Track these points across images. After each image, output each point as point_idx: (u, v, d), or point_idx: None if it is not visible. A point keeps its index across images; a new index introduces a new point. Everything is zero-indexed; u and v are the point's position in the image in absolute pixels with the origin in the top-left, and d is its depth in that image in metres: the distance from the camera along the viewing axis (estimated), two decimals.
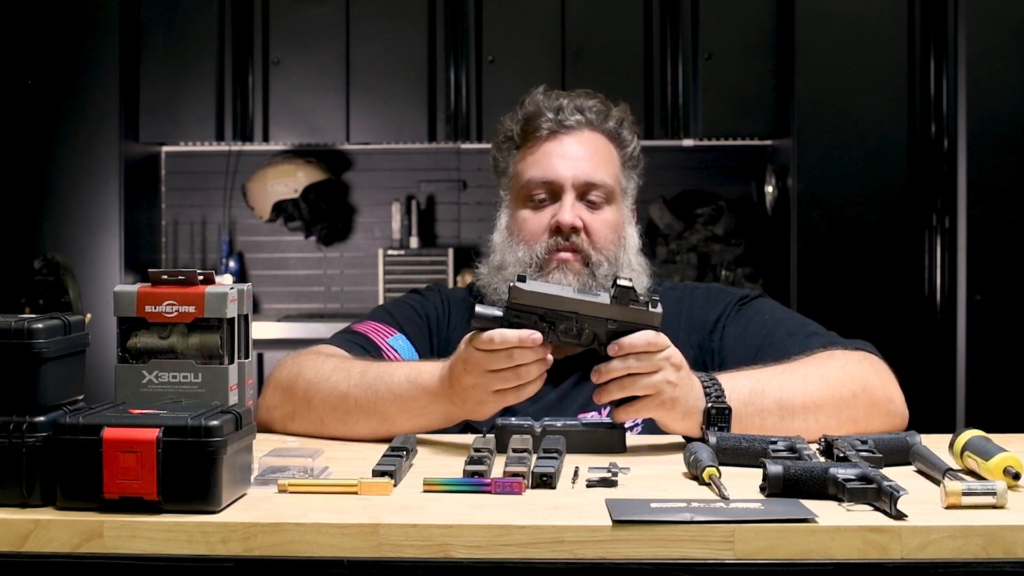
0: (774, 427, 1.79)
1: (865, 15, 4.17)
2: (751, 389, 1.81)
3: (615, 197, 2.08)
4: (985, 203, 3.98)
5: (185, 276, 1.54)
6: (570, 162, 2.05)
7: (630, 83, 4.48)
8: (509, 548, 1.29)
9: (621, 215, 2.09)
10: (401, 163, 4.99)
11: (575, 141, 2.08)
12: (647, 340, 1.71)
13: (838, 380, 1.85)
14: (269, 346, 4.49)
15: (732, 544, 1.28)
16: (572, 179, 2.05)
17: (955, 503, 1.35)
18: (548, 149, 2.07)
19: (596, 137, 2.09)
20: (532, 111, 2.09)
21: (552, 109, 2.08)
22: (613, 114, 2.12)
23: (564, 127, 2.07)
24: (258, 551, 1.31)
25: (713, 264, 4.66)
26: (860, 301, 4.14)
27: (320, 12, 4.59)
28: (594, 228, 2.04)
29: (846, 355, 1.92)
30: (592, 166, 2.06)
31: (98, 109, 4.43)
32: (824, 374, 1.86)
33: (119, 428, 1.34)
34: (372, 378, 1.85)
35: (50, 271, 4.28)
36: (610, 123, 2.10)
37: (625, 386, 1.72)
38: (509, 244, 2.07)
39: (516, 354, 1.68)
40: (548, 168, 2.06)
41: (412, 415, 1.82)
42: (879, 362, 1.94)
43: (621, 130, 2.12)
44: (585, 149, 2.07)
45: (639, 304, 1.73)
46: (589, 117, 2.09)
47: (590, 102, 2.10)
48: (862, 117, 4.16)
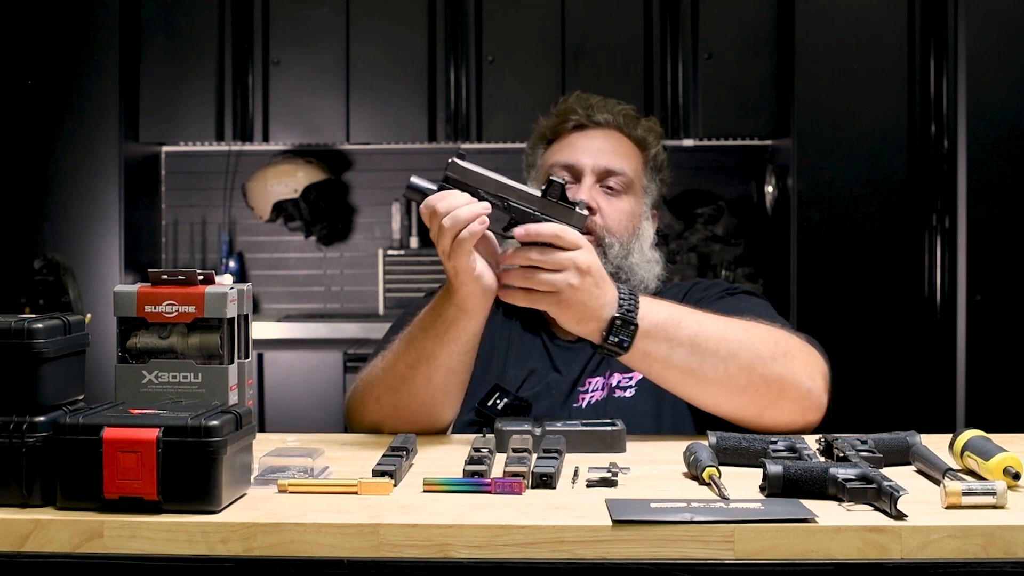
0: (681, 362, 1.79)
1: (865, 15, 4.17)
2: (668, 316, 1.80)
3: (634, 189, 2.17)
4: (985, 203, 3.98)
5: (185, 276, 1.54)
6: (592, 150, 2.16)
7: (630, 83, 4.48)
8: (509, 548, 1.29)
9: (639, 208, 2.18)
10: (401, 163, 4.99)
11: (601, 135, 2.19)
12: (554, 231, 1.74)
13: (760, 338, 1.83)
14: (269, 346, 4.50)
15: (732, 544, 1.28)
16: (593, 165, 2.15)
17: (955, 503, 1.35)
18: (573, 139, 2.19)
19: (622, 138, 2.20)
20: (563, 108, 2.22)
21: (584, 107, 2.19)
22: (642, 123, 2.23)
23: (592, 122, 2.19)
24: (258, 551, 1.31)
25: (713, 264, 4.66)
26: (860, 301, 4.14)
27: (320, 12, 4.59)
28: (609, 213, 2.12)
29: (784, 330, 1.91)
30: (612, 156, 2.16)
31: (98, 109, 4.43)
32: (748, 328, 1.85)
33: (119, 428, 1.34)
34: (404, 337, 1.91)
35: (50, 271, 4.28)
36: (638, 131, 2.21)
37: (527, 276, 1.75)
38: None
39: (441, 207, 1.73)
40: (571, 154, 2.16)
41: (440, 334, 1.84)
42: (816, 352, 1.91)
43: (648, 137, 2.23)
44: (610, 143, 2.18)
45: (567, 204, 1.78)
46: (618, 120, 2.20)
47: (620, 107, 2.22)
48: (862, 117, 4.16)
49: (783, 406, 1.82)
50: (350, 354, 4.46)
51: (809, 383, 1.84)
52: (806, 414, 1.84)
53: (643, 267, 2.13)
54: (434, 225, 1.75)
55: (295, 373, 4.49)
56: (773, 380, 1.81)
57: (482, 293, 1.78)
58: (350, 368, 4.43)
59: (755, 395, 1.81)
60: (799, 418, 1.84)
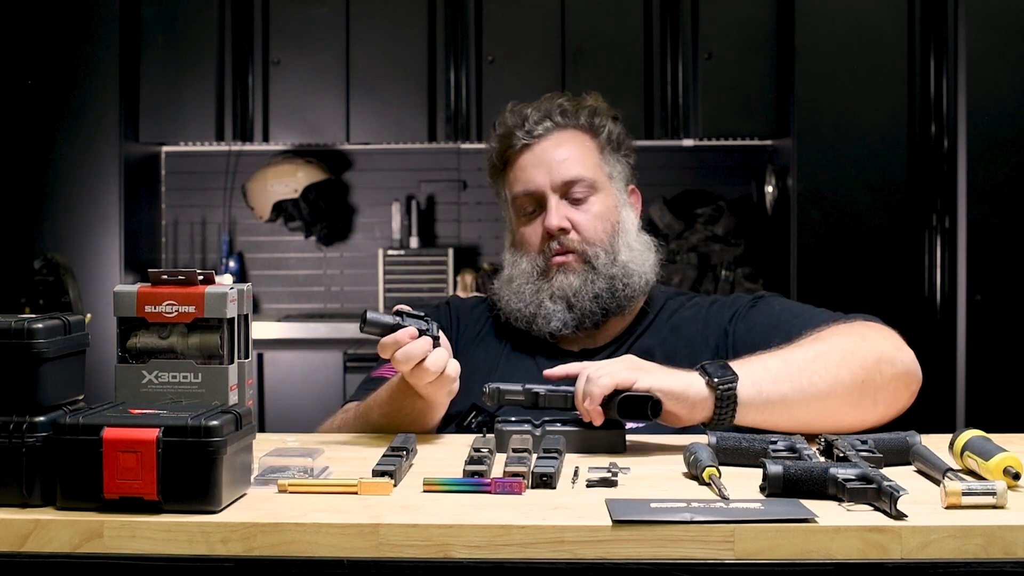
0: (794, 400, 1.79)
1: (865, 15, 4.17)
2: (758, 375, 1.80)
3: (600, 186, 2.13)
4: (985, 203, 3.98)
5: (185, 276, 1.54)
6: (544, 168, 2.12)
7: (630, 83, 4.48)
8: (509, 548, 1.29)
9: (612, 201, 2.14)
10: (401, 163, 5.00)
11: (547, 145, 2.13)
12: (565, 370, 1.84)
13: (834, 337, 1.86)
14: (269, 346, 4.50)
15: (732, 544, 1.28)
16: (550, 184, 2.11)
17: (955, 503, 1.35)
18: (523, 162, 2.14)
19: (568, 134, 2.15)
20: (503, 132, 2.16)
21: (519, 123, 2.14)
22: (584, 106, 2.16)
23: (533, 136, 2.13)
24: (258, 551, 1.31)
25: (713, 264, 4.66)
26: (860, 301, 4.10)
27: (320, 12, 4.59)
28: (582, 224, 2.10)
29: (840, 322, 1.94)
30: (566, 164, 2.12)
31: (98, 109, 4.44)
32: (817, 338, 1.87)
33: (119, 428, 1.34)
34: (362, 418, 1.98)
35: (50, 271, 4.28)
36: (581, 117, 2.15)
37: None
38: (515, 259, 2.15)
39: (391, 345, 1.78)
40: (526, 180, 2.13)
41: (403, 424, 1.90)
42: (880, 324, 1.95)
43: (593, 119, 2.16)
44: (559, 150, 2.13)
45: (565, 389, 1.82)
46: (556, 119, 2.14)
47: (556, 102, 2.16)
48: (862, 117, 4.16)
49: (892, 387, 1.83)
50: (350, 354, 4.46)
51: (897, 354, 1.86)
52: (910, 385, 1.86)
53: (636, 261, 2.11)
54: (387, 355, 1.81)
55: (295, 373, 4.50)
56: (870, 367, 1.82)
57: (449, 392, 1.86)
58: (350, 368, 4.43)
59: (864, 389, 1.80)
60: (905, 391, 1.85)
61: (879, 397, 1.82)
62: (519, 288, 2.11)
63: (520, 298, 2.10)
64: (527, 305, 2.08)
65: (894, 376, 1.84)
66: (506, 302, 2.12)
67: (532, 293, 2.09)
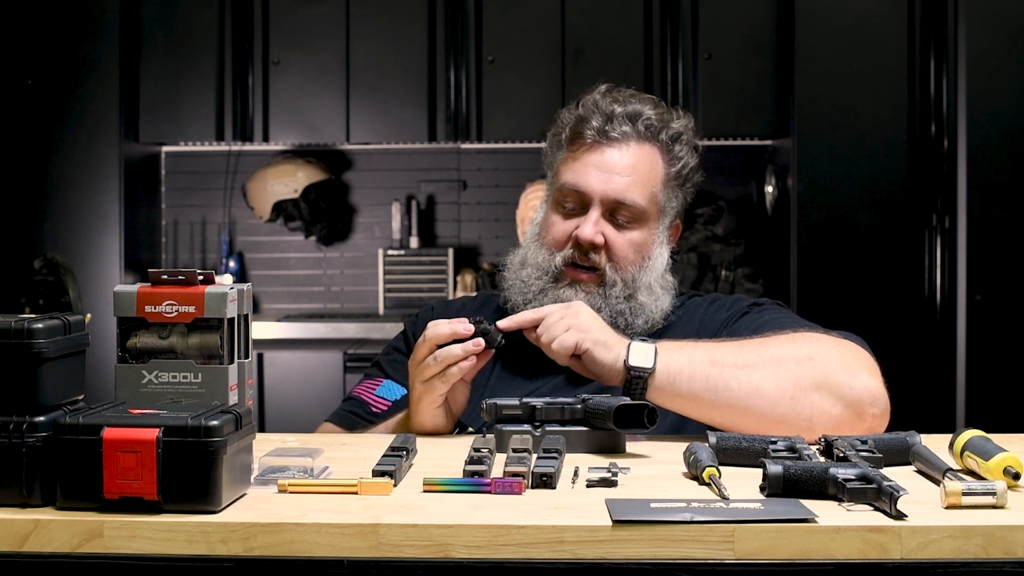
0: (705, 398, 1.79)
1: (865, 15, 4.18)
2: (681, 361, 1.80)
3: (647, 218, 2.05)
4: (985, 203, 3.98)
5: (185, 276, 1.54)
6: (604, 176, 2.02)
7: (630, 83, 4.41)
8: (509, 548, 1.29)
9: (651, 236, 2.05)
10: (401, 163, 5.00)
11: (618, 153, 2.03)
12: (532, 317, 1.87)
13: (781, 348, 1.79)
14: (269, 346, 4.50)
15: (732, 544, 1.28)
16: (602, 194, 2.02)
17: (955, 503, 1.35)
18: (587, 158, 2.04)
19: (643, 149, 2.05)
20: (583, 115, 2.06)
21: (603, 115, 2.04)
22: (672, 126, 2.07)
23: (609, 138, 2.03)
24: (258, 551, 1.31)
25: (713, 264, 4.66)
26: (860, 301, 4.14)
27: (320, 12, 4.59)
28: (616, 246, 2.02)
29: (813, 332, 1.85)
30: (627, 184, 2.02)
31: (98, 109, 4.44)
32: (766, 343, 1.81)
33: (119, 428, 1.34)
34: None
35: (50, 271, 4.28)
36: (663, 136, 2.06)
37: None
38: (536, 244, 2.08)
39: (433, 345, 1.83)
40: (582, 178, 2.03)
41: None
42: (854, 346, 1.84)
43: (674, 145, 2.07)
44: (626, 163, 2.03)
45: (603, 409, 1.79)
46: (639, 128, 2.04)
47: (647, 111, 2.06)
48: (862, 117, 4.16)
49: (834, 413, 1.75)
50: (350, 354, 4.46)
51: (844, 376, 1.76)
52: (861, 414, 1.76)
53: (649, 306, 2.03)
54: (420, 353, 1.83)
55: (295, 373, 4.50)
56: (804, 386, 1.76)
57: (445, 425, 1.88)
58: (350, 368, 4.43)
59: (794, 406, 1.75)
60: (857, 420, 1.76)
61: (815, 421, 1.74)
62: (527, 277, 2.05)
63: (525, 290, 2.05)
64: (527, 303, 2.04)
65: (837, 402, 1.75)
66: (510, 285, 2.07)
67: (537, 292, 2.04)
